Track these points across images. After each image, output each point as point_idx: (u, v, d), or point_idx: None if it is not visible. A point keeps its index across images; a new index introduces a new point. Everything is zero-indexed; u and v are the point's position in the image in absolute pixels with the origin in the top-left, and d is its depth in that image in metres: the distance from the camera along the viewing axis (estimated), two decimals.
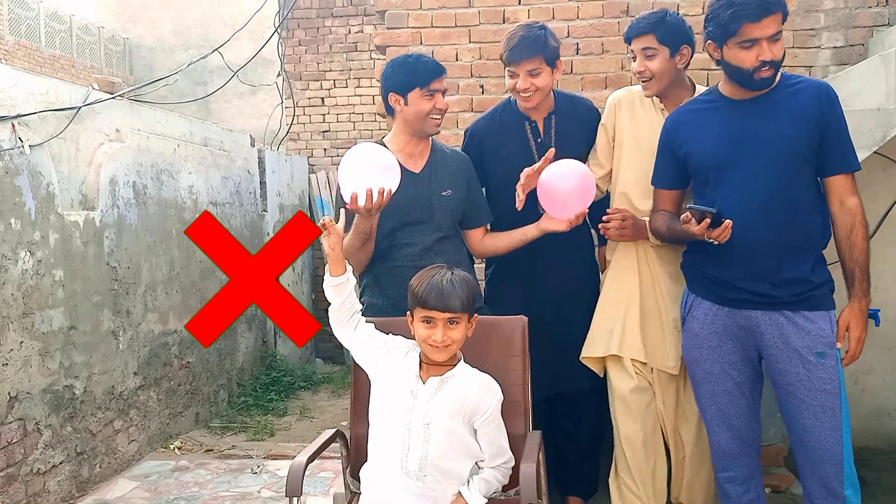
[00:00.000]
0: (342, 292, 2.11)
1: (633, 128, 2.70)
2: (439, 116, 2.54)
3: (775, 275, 2.22)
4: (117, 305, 3.97)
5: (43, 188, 3.45)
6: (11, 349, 3.21)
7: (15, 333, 3.23)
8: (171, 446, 4.37)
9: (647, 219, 2.59)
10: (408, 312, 2.10)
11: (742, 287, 2.27)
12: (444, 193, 2.57)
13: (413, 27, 3.83)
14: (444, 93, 2.52)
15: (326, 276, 2.12)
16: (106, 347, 3.87)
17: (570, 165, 2.51)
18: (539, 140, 2.75)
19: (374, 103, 7.59)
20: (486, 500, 2.05)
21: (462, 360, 2.12)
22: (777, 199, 2.20)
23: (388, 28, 3.85)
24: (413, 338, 2.11)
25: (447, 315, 2.00)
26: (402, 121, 2.56)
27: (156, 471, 3.95)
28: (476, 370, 2.12)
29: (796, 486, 3.25)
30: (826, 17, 3.67)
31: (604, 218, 2.63)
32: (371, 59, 7.73)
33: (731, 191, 2.25)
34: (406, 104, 2.50)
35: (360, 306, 2.20)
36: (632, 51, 2.63)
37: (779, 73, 2.23)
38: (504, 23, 3.79)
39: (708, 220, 2.13)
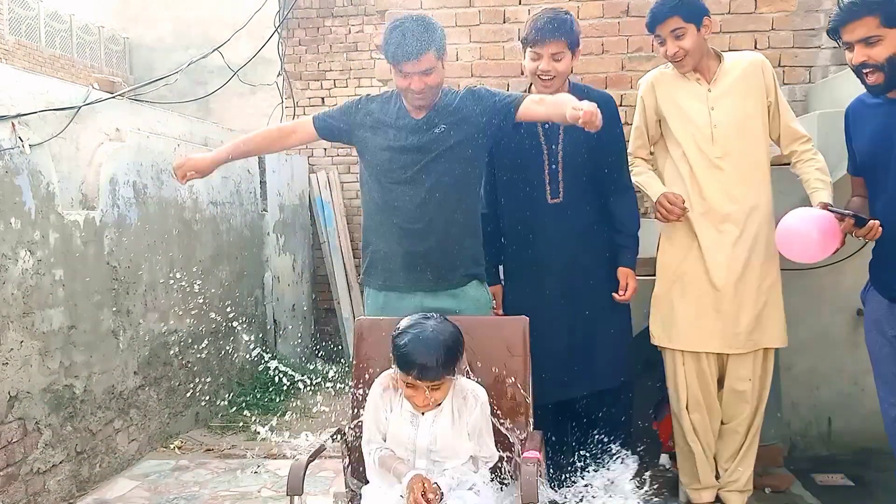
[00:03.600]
0: None
1: (677, 101, 2.72)
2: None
3: None
4: (117, 305, 3.97)
5: (43, 188, 3.44)
6: (11, 349, 3.20)
7: (15, 333, 3.23)
8: (171, 446, 4.37)
9: None
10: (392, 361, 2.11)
11: (883, 277, 2.29)
12: (436, 130, 2.38)
13: None
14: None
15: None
16: (106, 347, 3.87)
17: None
18: (546, 124, 2.70)
19: None
20: (449, 485, 2.02)
21: None
22: None
23: None
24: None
25: (429, 383, 2.03)
26: None
27: (156, 470, 3.95)
28: (460, 378, 2.14)
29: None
30: (826, 17, 3.67)
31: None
32: (371, 58, 7.71)
33: (881, 192, 2.25)
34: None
35: None
36: (657, 36, 2.63)
37: None
38: (504, 23, 3.79)
39: (851, 221, 2.19)
